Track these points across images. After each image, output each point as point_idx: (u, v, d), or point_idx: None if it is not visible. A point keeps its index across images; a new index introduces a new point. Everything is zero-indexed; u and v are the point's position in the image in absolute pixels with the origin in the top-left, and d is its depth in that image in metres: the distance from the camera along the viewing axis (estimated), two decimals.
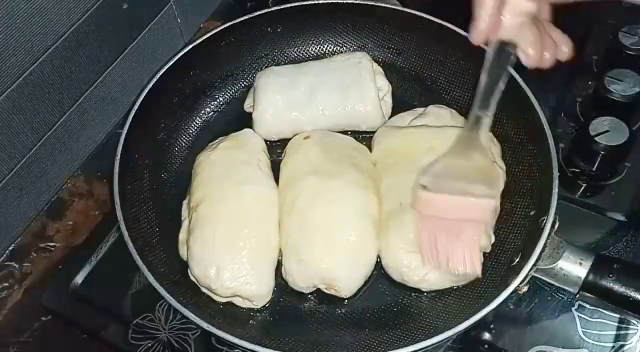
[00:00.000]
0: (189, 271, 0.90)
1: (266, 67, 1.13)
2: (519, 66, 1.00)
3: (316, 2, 1.12)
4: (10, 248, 1.02)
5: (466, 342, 0.90)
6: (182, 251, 0.92)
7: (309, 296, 0.91)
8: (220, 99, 1.14)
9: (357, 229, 0.89)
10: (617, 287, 0.79)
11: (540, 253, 0.82)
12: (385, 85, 1.07)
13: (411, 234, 0.87)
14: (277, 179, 0.98)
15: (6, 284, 0.98)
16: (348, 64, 1.07)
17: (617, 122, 1.01)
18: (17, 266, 1.00)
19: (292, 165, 0.98)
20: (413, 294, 0.90)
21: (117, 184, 0.92)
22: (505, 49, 0.73)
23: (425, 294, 0.90)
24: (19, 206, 1.01)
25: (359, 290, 0.90)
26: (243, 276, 0.86)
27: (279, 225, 0.93)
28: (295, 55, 1.18)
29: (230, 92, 1.15)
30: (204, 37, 1.08)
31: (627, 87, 1.06)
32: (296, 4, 1.13)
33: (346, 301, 0.90)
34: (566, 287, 0.83)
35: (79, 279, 0.98)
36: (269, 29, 1.14)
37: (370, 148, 1.02)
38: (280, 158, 1.01)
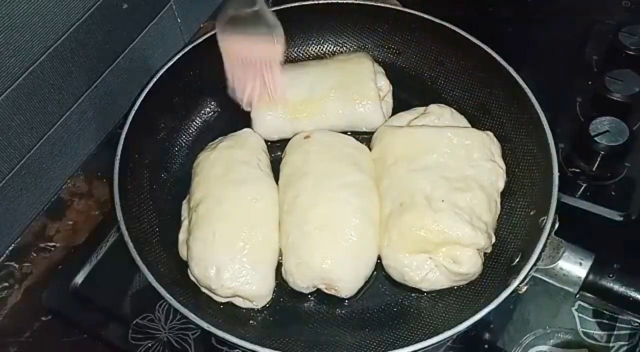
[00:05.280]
0: (189, 271, 0.90)
1: None
2: (519, 67, 1.01)
3: (316, 2, 1.12)
4: (10, 248, 1.02)
5: (466, 342, 0.90)
6: (182, 251, 0.92)
7: (309, 296, 0.91)
8: (220, 99, 1.14)
9: (357, 229, 0.89)
10: (617, 287, 0.79)
11: (540, 253, 0.82)
12: (385, 86, 1.07)
13: (412, 233, 0.87)
14: (277, 179, 0.98)
15: (6, 284, 0.98)
16: (349, 64, 1.07)
17: (617, 122, 1.01)
18: (17, 266, 1.00)
19: (292, 164, 0.98)
20: (413, 294, 0.91)
21: (117, 184, 0.92)
22: None
23: (425, 294, 0.90)
24: (19, 206, 1.01)
25: (359, 290, 0.90)
26: (243, 276, 0.87)
27: (279, 225, 0.93)
28: (295, 55, 1.18)
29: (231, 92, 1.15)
30: (204, 37, 1.08)
31: (627, 87, 1.06)
32: (296, 4, 1.13)
33: (346, 301, 0.90)
34: (566, 287, 0.83)
35: (79, 279, 0.98)
36: None
37: (370, 147, 1.02)
38: (280, 158, 1.01)
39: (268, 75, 1.00)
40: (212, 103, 1.13)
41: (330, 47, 1.18)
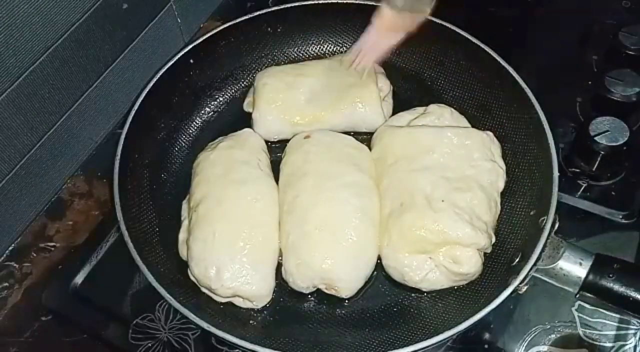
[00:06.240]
0: (189, 271, 0.90)
1: (266, 67, 1.14)
2: (519, 67, 1.01)
3: (316, 2, 1.12)
4: (10, 248, 1.02)
5: (466, 342, 0.90)
6: (182, 251, 0.92)
7: (309, 296, 0.91)
8: (220, 99, 1.14)
9: (357, 229, 0.89)
10: (617, 287, 0.79)
11: (540, 253, 0.82)
12: (386, 86, 1.07)
13: (412, 233, 0.87)
14: (277, 179, 0.98)
15: (6, 284, 0.98)
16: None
17: (617, 122, 1.01)
18: (17, 266, 1.00)
19: (292, 164, 0.98)
20: (413, 294, 0.91)
21: (117, 184, 0.92)
22: None
23: (425, 294, 0.90)
24: (19, 206, 1.01)
25: (360, 290, 0.90)
26: (243, 276, 0.87)
27: (279, 225, 0.93)
28: (295, 55, 1.18)
29: (230, 92, 1.15)
30: (204, 37, 1.08)
31: (627, 87, 1.06)
32: (296, 4, 1.13)
33: (346, 301, 0.90)
34: (566, 287, 0.83)
35: (79, 279, 0.98)
36: (269, 29, 1.14)
37: (370, 147, 1.02)
38: (280, 158, 1.01)
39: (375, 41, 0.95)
40: (212, 103, 1.14)
41: (330, 47, 1.18)
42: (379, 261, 0.91)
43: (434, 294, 0.90)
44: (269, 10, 1.12)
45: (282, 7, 1.12)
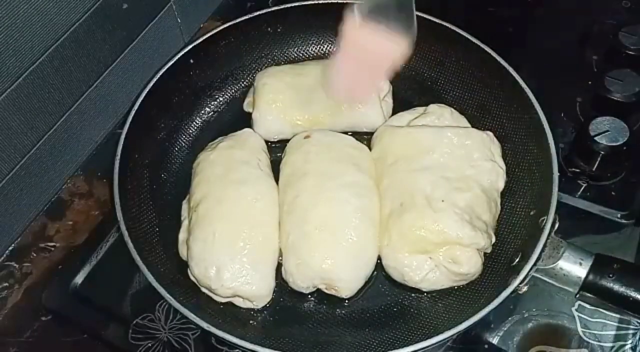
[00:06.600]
0: (189, 271, 0.90)
1: (266, 67, 1.14)
2: (519, 67, 1.01)
3: (316, 2, 1.12)
4: (10, 248, 1.02)
5: (466, 342, 0.90)
6: (182, 251, 0.92)
7: (309, 296, 0.91)
8: (220, 99, 1.14)
9: (357, 229, 0.89)
10: (617, 287, 0.79)
11: (540, 253, 0.82)
12: (385, 86, 1.07)
13: (412, 233, 0.87)
14: (277, 179, 0.98)
15: (6, 284, 0.98)
16: None
17: (617, 122, 1.01)
18: (17, 266, 1.00)
19: (292, 164, 0.98)
20: (413, 294, 0.91)
21: (117, 184, 0.92)
22: None
23: (425, 294, 0.90)
24: (19, 206, 1.01)
25: (359, 290, 0.90)
26: (243, 276, 0.87)
27: (279, 225, 0.93)
28: (295, 55, 1.18)
29: (230, 92, 1.15)
30: (204, 37, 1.08)
31: (627, 87, 1.06)
32: (296, 4, 1.13)
33: (346, 301, 0.90)
34: (566, 287, 0.83)
35: (79, 279, 0.98)
36: (269, 29, 1.14)
37: (370, 147, 1.02)
38: (280, 158, 1.01)
39: (377, 73, 0.90)
40: (212, 103, 1.14)
41: (330, 47, 1.18)
42: (379, 261, 0.91)
43: (434, 294, 0.90)
44: (269, 10, 1.12)
45: (282, 7, 1.12)
